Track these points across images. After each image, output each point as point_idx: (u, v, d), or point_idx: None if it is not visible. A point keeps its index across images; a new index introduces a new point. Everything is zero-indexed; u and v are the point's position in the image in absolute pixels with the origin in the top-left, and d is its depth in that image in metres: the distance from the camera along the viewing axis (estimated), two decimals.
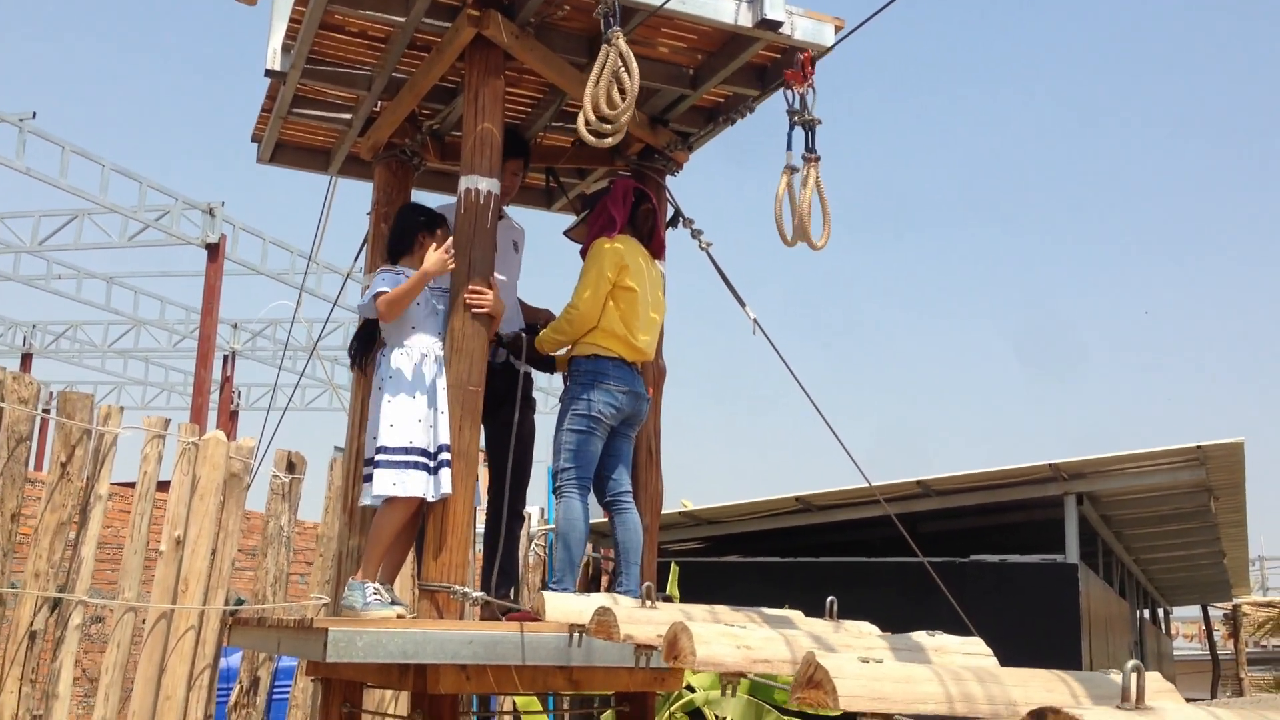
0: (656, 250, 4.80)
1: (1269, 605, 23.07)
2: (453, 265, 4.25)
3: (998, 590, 8.98)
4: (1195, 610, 25.69)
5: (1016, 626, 8.56)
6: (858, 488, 8.90)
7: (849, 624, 3.45)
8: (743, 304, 5.43)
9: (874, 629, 3.40)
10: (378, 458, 4.15)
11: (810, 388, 5.00)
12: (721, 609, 3.50)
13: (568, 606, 3.47)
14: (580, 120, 3.86)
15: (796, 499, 10.13)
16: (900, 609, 6.51)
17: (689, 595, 8.70)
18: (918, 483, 9.44)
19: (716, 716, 8.39)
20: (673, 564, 9.14)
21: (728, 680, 2.60)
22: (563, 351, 4.74)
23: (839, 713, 2.37)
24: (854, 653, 2.30)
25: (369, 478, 4.23)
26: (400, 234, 4.55)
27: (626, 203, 4.65)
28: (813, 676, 2.07)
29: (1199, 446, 8.62)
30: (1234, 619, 23.68)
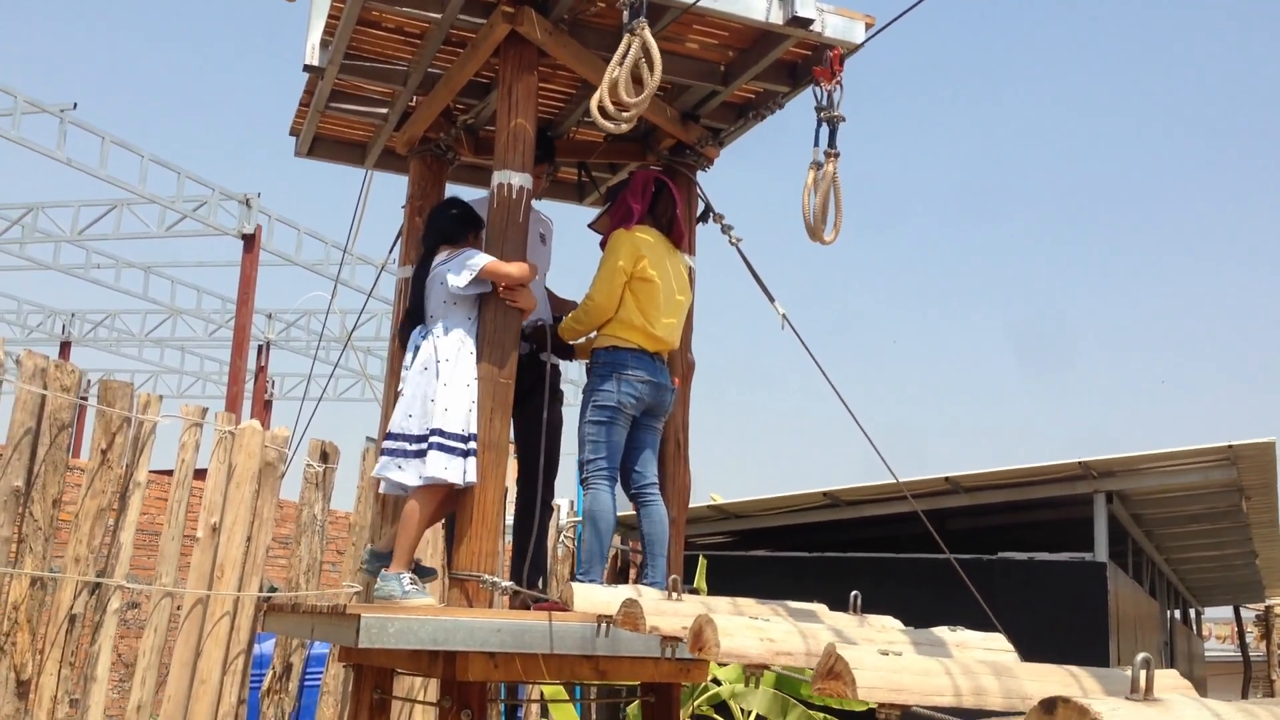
0: (677, 240, 4.82)
1: None
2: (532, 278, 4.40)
3: (1025, 587, 8.97)
4: (1228, 611, 25.47)
5: (1044, 624, 8.56)
6: (885, 484, 8.91)
7: (873, 618, 3.49)
8: (772, 299, 5.47)
9: (897, 623, 3.44)
10: (433, 439, 4.18)
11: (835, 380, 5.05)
12: (745, 601, 3.55)
13: (595, 597, 3.53)
14: (594, 101, 3.89)
15: (824, 494, 10.14)
16: (927, 605, 6.52)
17: (717, 588, 8.75)
18: (946, 479, 9.43)
19: (742, 710, 8.45)
20: (701, 557, 9.19)
21: (751, 671, 2.64)
22: (583, 341, 4.79)
23: (862, 707, 2.41)
24: (875, 646, 2.34)
25: (401, 453, 4.26)
26: (456, 226, 4.60)
27: (646, 194, 4.69)
28: (833, 668, 2.12)
29: (1230, 446, 8.57)
30: (1266, 620, 23.48)
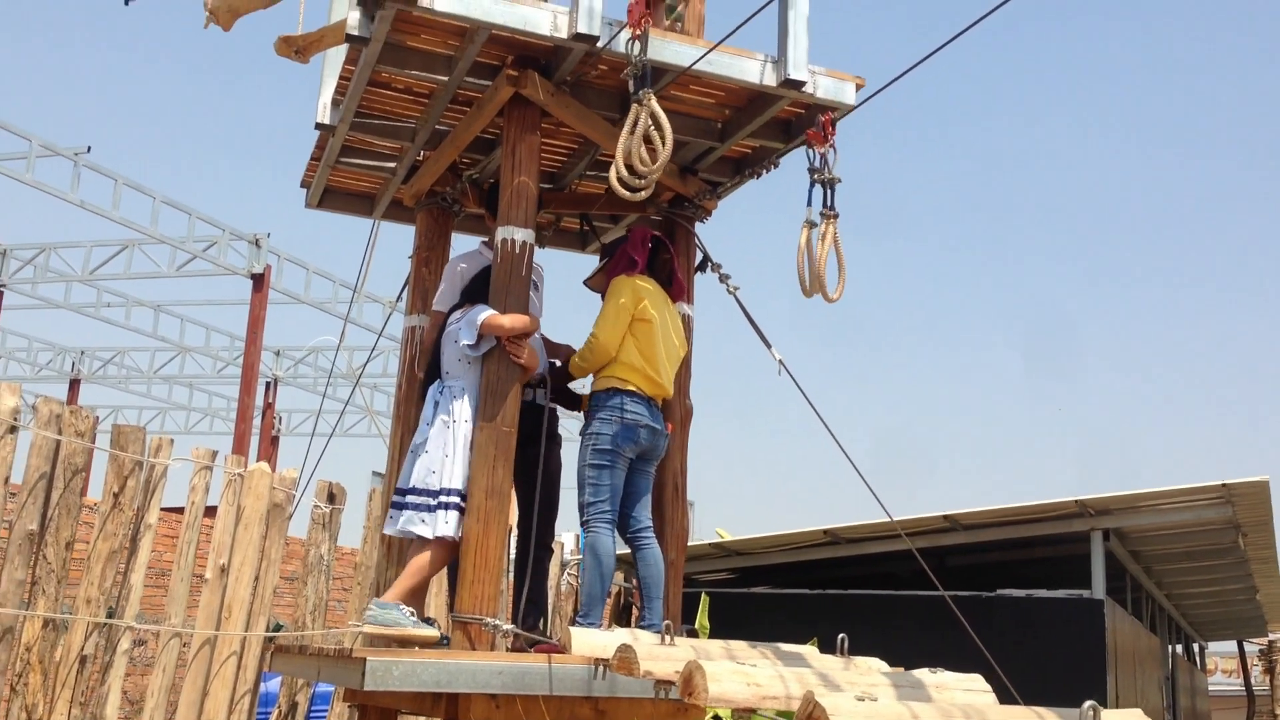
0: (676, 294, 4.99)
1: None
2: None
3: (1024, 625, 9.06)
4: (1233, 646, 25.43)
5: (1042, 661, 8.65)
6: (885, 521, 9.02)
7: (859, 660, 3.61)
8: (769, 345, 5.62)
9: (882, 665, 3.56)
10: (449, 499, 4.39)
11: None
12: (738, 645, 3.68)
13: (592, 641, 3.66)
14: (612, 173, 4.10)
15: (825, 532, 10.26)
16: (926, 642, 6.64)
17: (719, 625, 8.85)
18: (944, 517, 9.55)
19: None
20: (703, 594, 9.29)
21: (740, 715, 2.77)
22: (585, 390, 4.94)
23: None
24: (857, 689, 2.47)
25: (426, 508, 4.44)
26: (475, 284, 4.77)
27: (645, 247, 4.89)
28: (812, 714, 2.25)
29: (1225, 485, 8.68)
30: (1269, 655, 23.44)
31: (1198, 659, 22.34)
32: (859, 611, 9.77)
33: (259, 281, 17.70)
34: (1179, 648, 17.80)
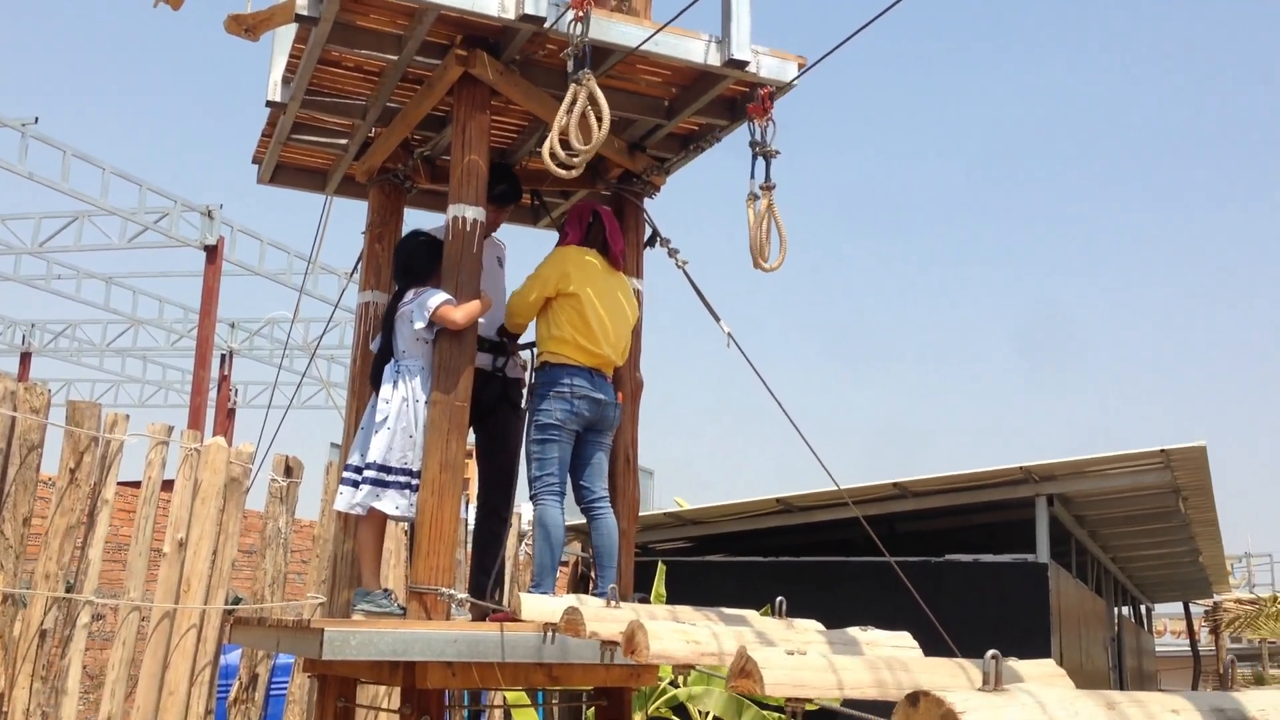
0: (613, 262, 5.06)
1: (1250, 602, 23.44)
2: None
3: (971, 588, 9.31)
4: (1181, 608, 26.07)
5: (989, 623, 8.88)
6: (835, 490, 9.20)
7: (798, 622, 3.76)
8: (718, 319, 5.73)
9: (818, 626, 3.72)
10: (410, 479, 4.51)
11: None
12: (683, 609, 3.82)
13: (542, 607, 3.79)
14: (545, 149, 4.18)
15: (777, 500, 10.45)
16: (876, 607, 6.81)
17: (675, 593, 9.01)
18: (894, 484, 9.76)
19: (699, 711, 8.72)
20: (659, 563, 9.45)
21: (679, 671, 2.91)
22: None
23: (815, 707, 2.67)
24: (790, 646, 2.62)
25: (380, 483, 4.54)
26: (422, 263, 4.85)
27: (583, 221, 5.02)
28: (744, 667, 2.39)
29: (1163, 450, 8.94)
30: (1214, 615, 24.08)
31: (1145, 621, 22.89)
32: (811, 578, 9.99)
33: (212, 254, 17.61)
34: (1126, 610, 18.24)
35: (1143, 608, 22.06)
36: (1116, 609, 16.35)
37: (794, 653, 2.42)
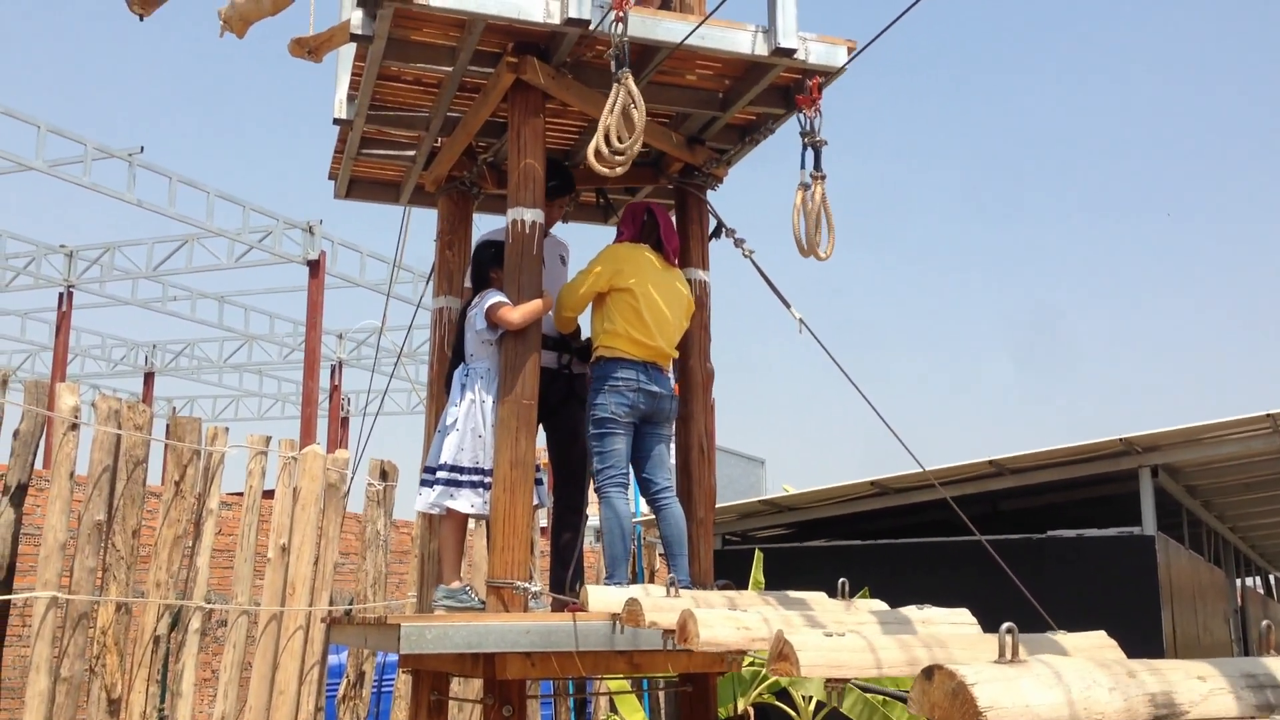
0: (670, 259, 5.14)
1: None
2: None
3: (1075, 564, 9.13)
4: None
5: (1095, 599, 8.72)
6: (932, 469, 9.12)
7: (859, 602, 3.78)
8: (788, 305, 5.76)
9: (880, 605, 3.73)
10: (482, 478, 4.67)
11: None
12: (747, 594, 3.87)
13: (607, 598, 3.88)
14: (590, 150, 4.26)
15: (872, 483, 10.38)
16: (979, 586, 6.74)
17: (774, 581, 9.03)
18: (989, 462, 9.61)
19: (803, 697, 8.73)
20: (757, 550, 9.47)
21: (732, 656, 2.96)
22: None
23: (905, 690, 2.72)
24: (833, 628, 2.65)
25: (454, 483, 4.69)
26: (486, 268, 5.02)
27: (637, 220, 5.13)
28: (782, 651, 2.43)
29: (1269, 415, 8.65)
30: None
31: (1276, 591, 22.09)
32: (910, 560, 9.91)
33: (314, 268, 18.14)
34: (1252, 581, 17.64)
35: (1272, 577, 21.30)
36: (1240, 580, 15.83)
37: (832, 635, 2.45)
